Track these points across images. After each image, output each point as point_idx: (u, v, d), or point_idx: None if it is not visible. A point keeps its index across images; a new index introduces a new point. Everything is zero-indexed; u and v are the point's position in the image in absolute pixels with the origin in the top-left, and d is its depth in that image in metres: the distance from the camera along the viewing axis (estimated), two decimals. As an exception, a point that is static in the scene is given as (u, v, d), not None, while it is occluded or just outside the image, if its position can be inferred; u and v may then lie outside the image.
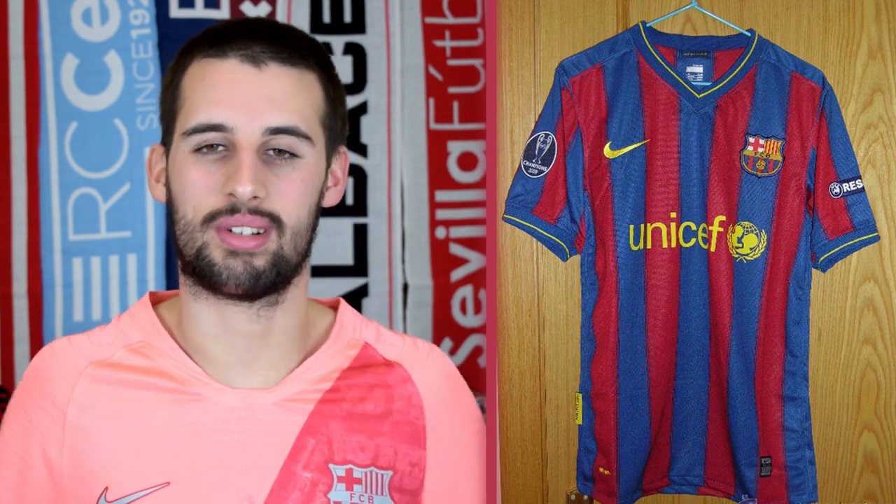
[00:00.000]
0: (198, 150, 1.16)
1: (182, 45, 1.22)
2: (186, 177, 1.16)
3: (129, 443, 1.19)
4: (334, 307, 1.32)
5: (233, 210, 1.15)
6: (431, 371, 1.31)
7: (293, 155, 1.18)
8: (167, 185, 1.21)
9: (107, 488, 1.18)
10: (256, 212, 1.15)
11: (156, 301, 1.29)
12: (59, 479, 1.20)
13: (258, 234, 1.16)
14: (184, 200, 1.17)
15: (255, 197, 1.14)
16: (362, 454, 1.23)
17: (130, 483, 1.18)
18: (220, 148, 1.16)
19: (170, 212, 1.21)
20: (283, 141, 1.17)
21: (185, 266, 1.20)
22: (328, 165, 1.24)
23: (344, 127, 1.27)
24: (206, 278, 1.17)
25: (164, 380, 1.21)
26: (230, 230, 1.16)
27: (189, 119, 1.17)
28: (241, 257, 1.16)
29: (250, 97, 1.15)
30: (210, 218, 1.16)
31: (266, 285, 1.18)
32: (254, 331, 1.21)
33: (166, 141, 1.22)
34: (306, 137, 1.18)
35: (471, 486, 1.32)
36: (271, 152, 1.17)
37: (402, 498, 1.26)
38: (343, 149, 1.28)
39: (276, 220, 1.17)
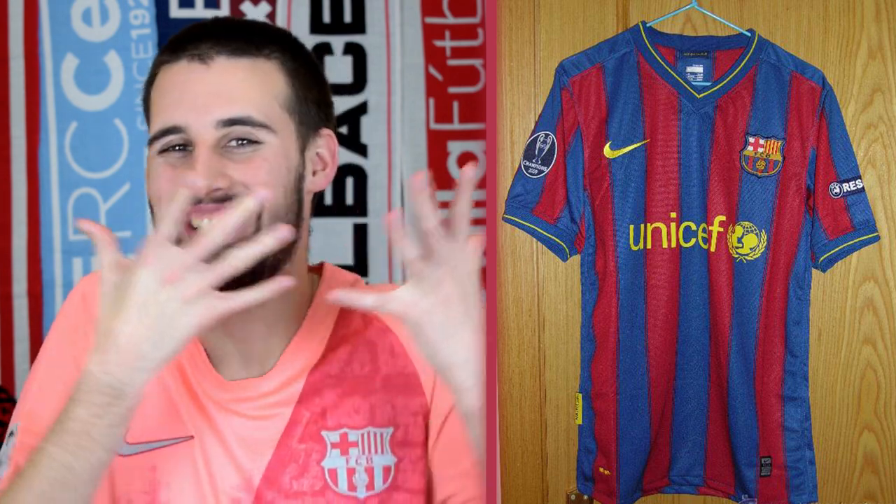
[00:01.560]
0: (162, 151, 1.18)
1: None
2: (154, 178, 1.18)
3: (157, 393, 1.21)
4: (318, 271, 1.32)
5: (195, 202, 1.14)
6: None
7: (253, 142, 1.18)
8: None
9: (127, 429, 1.18)
10: (224, 199, 1.15)
11: None
12: None
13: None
14: (156, 200, 1.18)
15: (216, 189, 1.14)
16: (357, 416, 1.24)
17: (152, 431, 1.20)
18: (184, 148, 1.17)
19: (151, 215, 1.22)
20: (238, 131, 1.17)
21: None
22: (303, 149, 1.23)
23: (321, 110, 1.26)
24: None
25: (177, 370, 1.24)
26: (196, 228, 1.15)
27: (153, 127, 1.19)
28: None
29: (197, 94, 1.17)
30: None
31: (247, 278, 1.16)
32: (245, 319, 1.21)
33: None
34: (263, 126, 1.18)
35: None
36: (232, 143, 1.17)
37: (407, 453, 1.25)
38: (327, 131, 1.26)
39: None
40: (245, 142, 1.17)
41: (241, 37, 1.20)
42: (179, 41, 1.20)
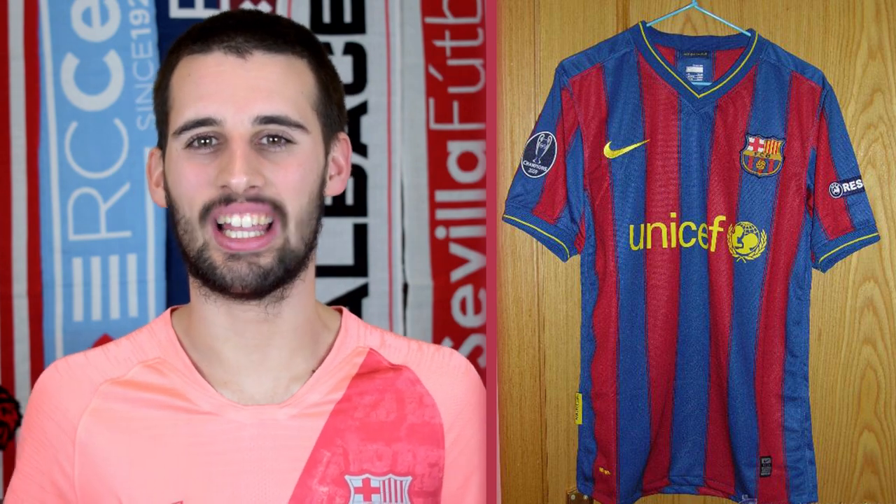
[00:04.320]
0: (189, 145, 1.15)
1: (170, 47, 1.22)
2: (180, 173, 1.16)
3: (142, 460, 1.18)
4: (339, 312, 1.31)
5: (227, 200, 1.13)
6: (439, 370, 1.29)
7: (288, 141, 1.16)
8: (166, 188, 1.20)
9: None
10: (257, 199, 1.14)
11: (174, 313, 1.28)
12: (72, 492, 1.19)
13: (260, 234, 1.15)
14: (179, 197, 1.16)
15: (252, 187, 1.13)
16: (379, 462, 1.22)
17: (144, 500, 1.17)
18: (213, 141, 1.15)
19: (171, 214, 1.20)
20: (275, 130, 1.15)
21: (190, 268, 1.19)
22: (327, 152, 1.23)
23: (341, 113, 1.25)
24: (210, 281, 1.16)
25: (178, 399, 1.20)
26: (226, 231, 1.14)
27: (179, 118, 1.16)
28: (245, 259, 1.14)
29: (236, 88, 1.14)
30: (206, 211, 1.15)
31: (274, 282, 1.17)
32: (262, 329, 1.20)
33: (162, 144, 1.21)
34: (298, 126, 1.17)
35: (479, 477, 1.31)
36: (264, 141, 1.15)
37: (423, 501, 1.24)
38: (343, 135, 1.26)
39: (278, 209, 1.15)
40: (279, 139, 1.16)
41: (274, 32, 1.18)
42: (208, 32, 1.17)
